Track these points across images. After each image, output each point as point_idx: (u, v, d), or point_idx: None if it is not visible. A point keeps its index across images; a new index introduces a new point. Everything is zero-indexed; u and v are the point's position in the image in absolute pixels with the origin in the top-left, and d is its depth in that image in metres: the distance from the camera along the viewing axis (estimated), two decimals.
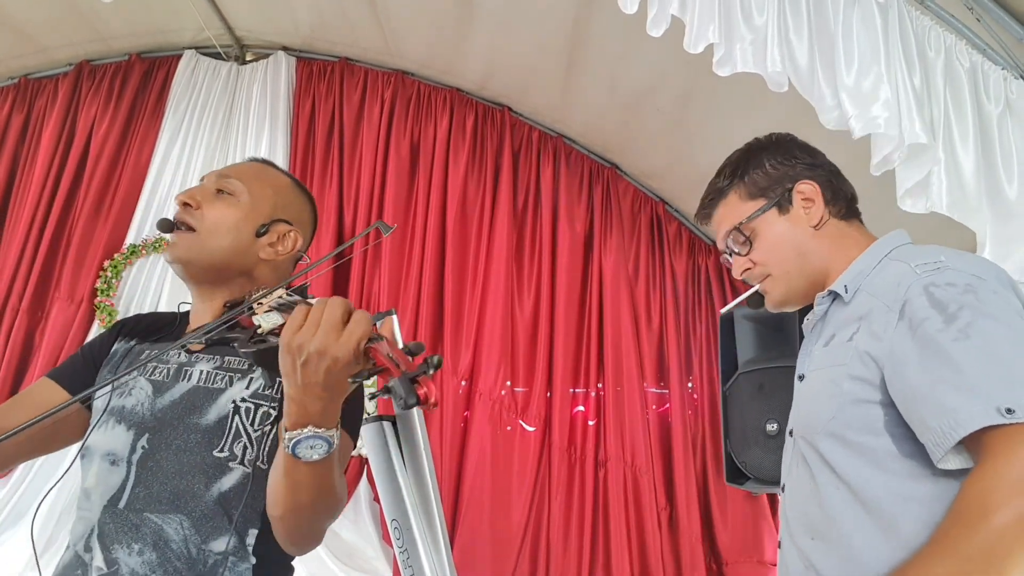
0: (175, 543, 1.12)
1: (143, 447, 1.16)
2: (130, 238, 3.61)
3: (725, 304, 3.88)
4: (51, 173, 3.72)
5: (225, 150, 3.84)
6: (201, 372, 1.22)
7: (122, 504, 1.14)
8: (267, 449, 1.19)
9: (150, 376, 1.23)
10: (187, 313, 1.36)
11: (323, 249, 3.62)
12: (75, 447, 1.28)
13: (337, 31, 3.85)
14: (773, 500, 3.66)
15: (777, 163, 1.36)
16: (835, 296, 1.28)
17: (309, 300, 1.07)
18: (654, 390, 3.74)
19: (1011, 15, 2.53)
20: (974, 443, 1.00)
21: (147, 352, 1.28)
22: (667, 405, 3.73)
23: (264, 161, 1.39)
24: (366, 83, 3.96)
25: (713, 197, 1.42)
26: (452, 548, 2.70)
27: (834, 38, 2.07)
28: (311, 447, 0.94)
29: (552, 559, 3.33)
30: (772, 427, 3.06)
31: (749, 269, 1.37)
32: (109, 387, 1.20)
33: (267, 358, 0.99)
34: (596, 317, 3.76)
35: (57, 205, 3.65)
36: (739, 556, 3.49)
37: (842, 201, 1.35)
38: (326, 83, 3.96)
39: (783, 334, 3.25)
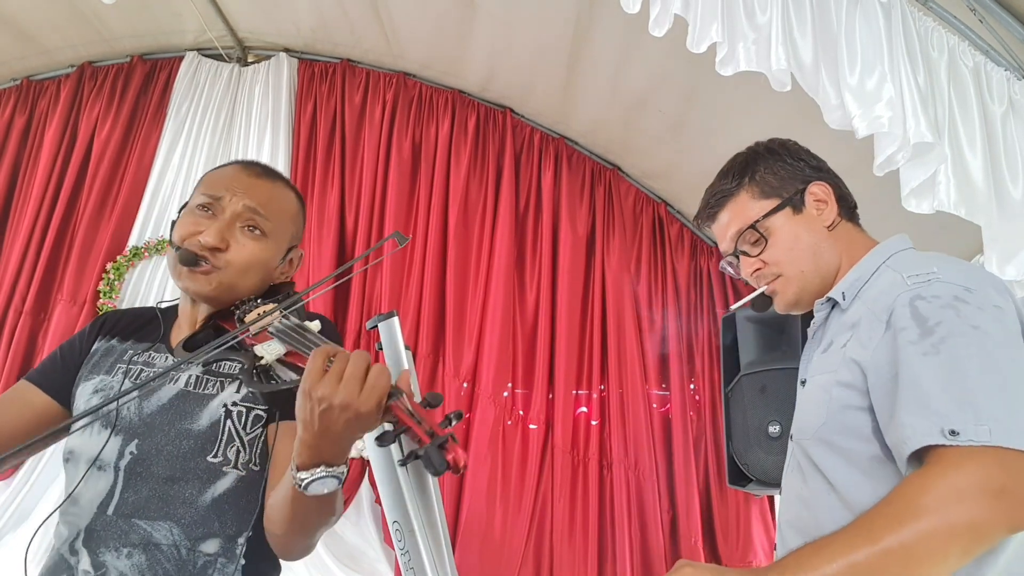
0: (165, 546, 1.12)
1: (132, 452, 1.16)
2: (133, 240, 3.61)
3: (727, 305, 3.88)
4: (53, 175, 3.72)
5: (227, 152, 3.84)
6: (189, 377, 1.21)
7: (111, 510, 1.13)
8: (259, 451, 1.19)
9: (135, 380, 1.22)
10: (168, 310, 1.35)
11: (325, 252, 3.62)
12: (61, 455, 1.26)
13: (339, 32, 3.85)
14: (774, 503, 3.66)
15: (786, 164, 1.36)
16: (834, 303, 1.29)
17: (306, 324, 1.07)
18: (656, 392, 3.73)
19: (1013, 16, 2.52)
20: (930, 456, 1.01)
21: (138, 366, 1.25)
22: (669, 407, 3.73)
23: (275, 175, 1.35)
24: (368, 84, 3.95)
25: (720, 198, 1.40)
26: (454, 550, 2.69)
27: (837, 38, 2.06)
28: (322, 485, 0.94)
29: (556, 562, 3.32)
30: (774, 429, 3.05)
31: (759, 269, 1.35)
32: (115, 402, 1.17)
33: (276, 398, 0.99)
34: (598, 319, 3.75)
35: (60, 207, 3.64)
36: (739, 559, 3.48)
37: (848, 205, 1.36)
38: (328, 84, 3.96)
39: (786, 335, 3.24)
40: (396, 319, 1.26)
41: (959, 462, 0.96)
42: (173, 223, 1.29)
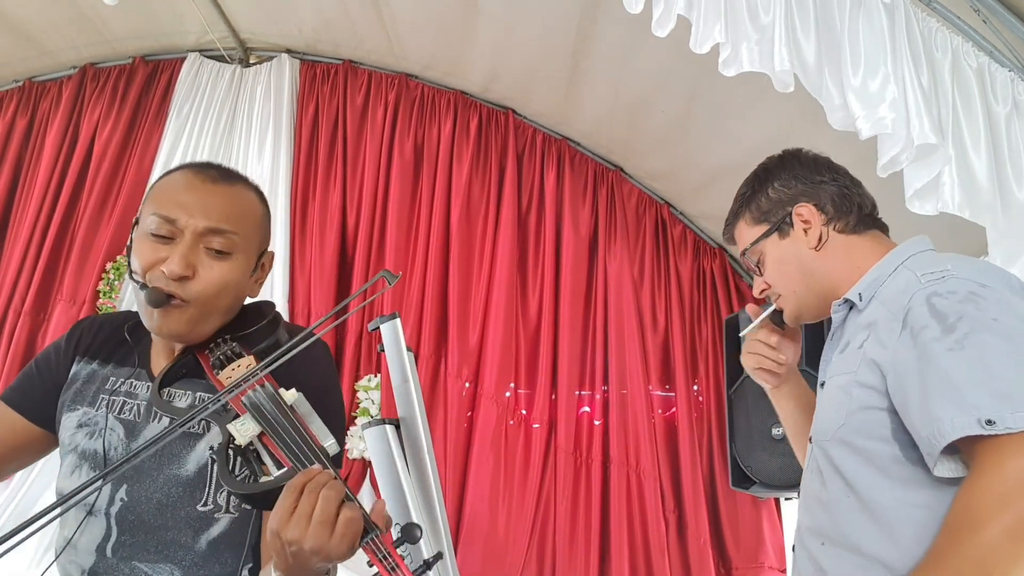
0: None
1: (121, 499, 1.12)
2: None
3: (731, 306, 3.87)
4: (55, 175, 3.72)
5: (228, 152, 3.83)
6: (173, 418, 1.15)
7: (109, 552, 1.11)
8: None
9: (119, 414, 1.18)
10: (140, 327, 1.25)
11: (327, 253, 3.61)
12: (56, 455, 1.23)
13: (341, 33, 3.84)
14: (780, 504, 3.65)
15: (780, 185, 1.41)
16: (851, 305, 1.30)
17: (283, 395, 1.01)
18: (660, 393, 3.72)
19: (1018, 17, 2.51)
20: (967, 453, 1.03)
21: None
22: (673, 408, 3.72)
23: (233, 176, 1.23)
24: (370, 85, 3.95)
25: (729, 223, 1.50)
26: (456, 552, 2.68)
27: (840, 39, 2.05)
28: None
29: (558, 562, 3.31)
30: (778, 431, 3.05)
31: (765, 289, 1.44)
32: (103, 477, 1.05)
33: (254, 499, 0.95)
34: (601, 319, 3.74)
35: (60, 207, 3.64)
36: (747, 561, 3.47)
37: (849, 215, 1.37)
38: (330, 85, 3.95)
39: None
40: (398, 321, 1.25)
41: (999, 460, 0.97)
42: (128, 247, 1.18)
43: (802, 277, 1.36)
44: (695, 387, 3.77)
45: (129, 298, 3.54)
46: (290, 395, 1.02)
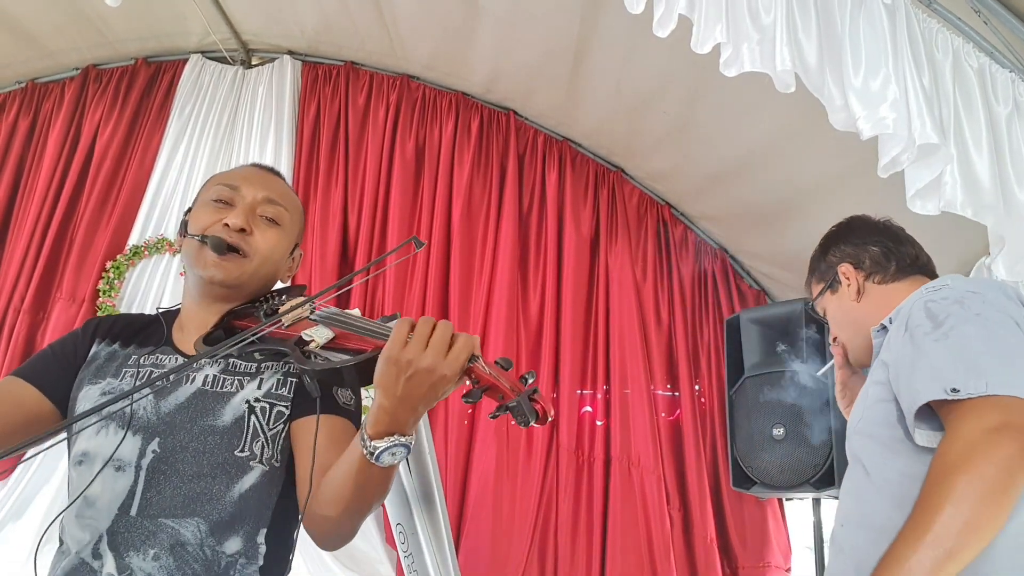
0: (192, 546, 1.10)
1: (154, 451, 1.13)
2: (133, 239, 3.61)
3: (732, 307, 3.88)
4: (56, 175, 3.72)
5: (229, 153, 3.84)
6: (206, 376, 1.20)
7: (134, 511, 1.10)
8: (280, 448, 1.18)
9: (147, 380, 1.20)
10: (169, 314, 1.33)
11: (328, 253, 3.62)
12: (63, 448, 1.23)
13: (343, 35, 3.85)
14: (783, 505, 3.65)
15: (835, 251, 1.70)
16: (887, 331, 1.49)
17: (348, 312, 1.12)
18: (662, 393, 3.72)
19: (1018, 18, 2.51)
20: (945, 421, 1.19)
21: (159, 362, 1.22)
22: (676, 408, 3.72)
23: (282, 176, 1.40)
24: (371, 86, 3.96)
25: (807, 280, 1.80)
26: (457, 552, 2.68)
27: (841, 39, 2.06)
28: (393, 454, 0.98)
29: (560, 562, 3.31)
30: (779, 432, 3.05)
31: (835, 337, 1.71)
32: (131, 396, 1.12)
33: (332, 376, 1.03)
34: (603, 320, 3.75)
35: (61, 207, 3.64)
36: (753, 560, 3.47)
37: (888, 269, 1.61)
38: (331, 86, 3.96)
39: (789, 338, 3.23)
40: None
41: (963, 420, 1.14)
42: (184, 222, 1.29)
43: (849, 323, 1.64)
44: (696, 387, 3.77)
45: (129, 297, 3.55)
46: (354, 312, 1.13)
